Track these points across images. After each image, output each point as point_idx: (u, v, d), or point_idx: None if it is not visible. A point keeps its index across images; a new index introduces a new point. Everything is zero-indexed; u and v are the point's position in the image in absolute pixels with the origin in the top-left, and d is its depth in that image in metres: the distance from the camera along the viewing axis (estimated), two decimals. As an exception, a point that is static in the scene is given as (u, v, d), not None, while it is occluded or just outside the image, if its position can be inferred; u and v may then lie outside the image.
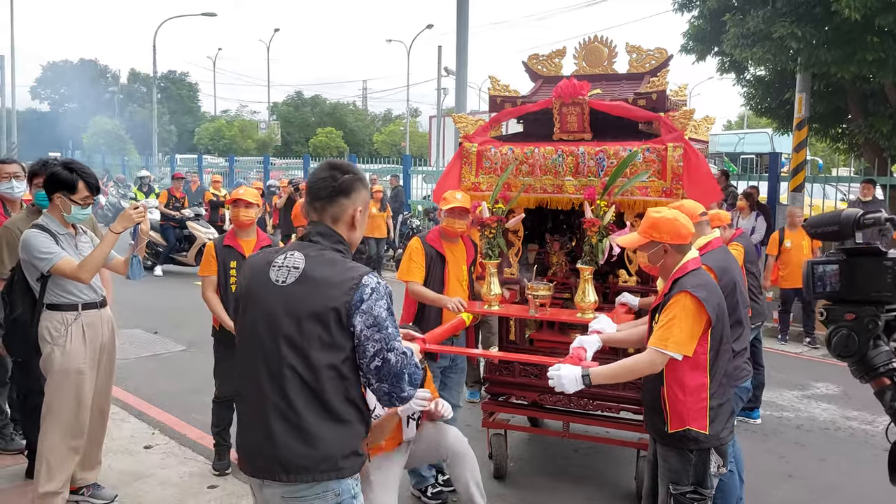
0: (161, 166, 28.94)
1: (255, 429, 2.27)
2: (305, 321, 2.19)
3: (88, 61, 53.53)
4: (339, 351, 2.20)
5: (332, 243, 2.31)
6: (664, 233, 3.09)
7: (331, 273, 2.22)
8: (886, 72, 9.80)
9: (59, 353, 3.70)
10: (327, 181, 2.33)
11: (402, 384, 2.24)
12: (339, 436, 2.24)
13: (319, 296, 2.20)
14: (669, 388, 3.05)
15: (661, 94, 4.31)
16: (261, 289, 2.29)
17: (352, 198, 2.34)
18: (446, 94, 33.99)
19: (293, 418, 2.20)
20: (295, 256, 2.28)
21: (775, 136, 20.26)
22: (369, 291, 2.19)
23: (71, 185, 3.69)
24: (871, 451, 5.47)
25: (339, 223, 2.35)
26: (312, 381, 2.19)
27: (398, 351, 2.23)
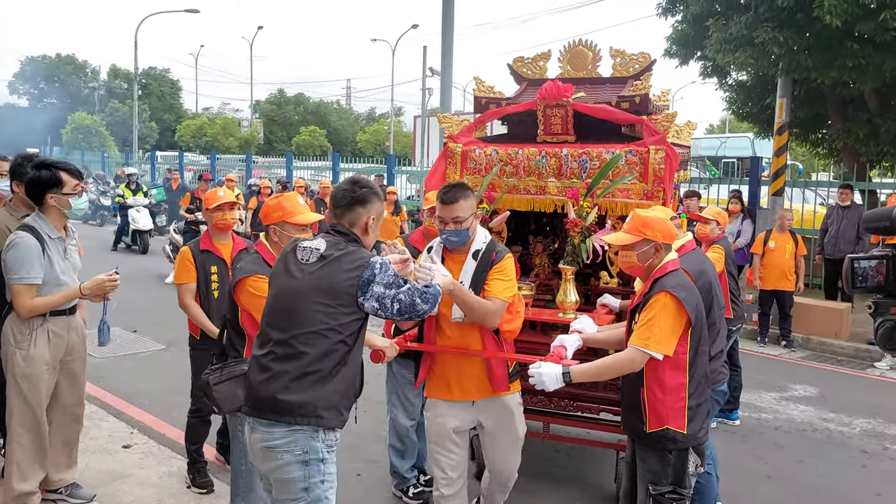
0: (141, 163, 28.65)
1: (260, 372, 2.70)
2: (320, 292, 2.66)
3: (67, 56, 52.91)
4: (343, 318, 2.67)
5: (348, 240, 2.80)
6: (657, 231, 3.11)
7: (346, 254, 2.72)
8: (866, 78, 9.94)
9: (20, 357, 3.65)
10: (347, 192, 2.84)
11: (416, 308, 2.73)
12: (325, 389, 2.65)
13: (334, 272, 2.69)
14: (649, 388, 3.07)
15: (645, 98, 4.34)
16: (288, 265, 2.78)
17: (367, 207, 2.83)
18: (431, 95, 34.01)
19: (288, 367, 2.64)
20: (318, 241, 2.79)
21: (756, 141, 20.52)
22: (379, 267, 2.69)
23: (56, 181, 3.63)
24: (847, 452, 5.54)
25: (355, 227, 2.84)
26: (315, 340, 2.64)
27: (406, 291, 2.71)
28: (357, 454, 5.03)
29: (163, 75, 53.91)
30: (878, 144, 11.09)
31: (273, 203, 3.37)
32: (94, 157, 30.61)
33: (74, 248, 3.86)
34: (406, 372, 4.33)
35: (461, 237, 3.29)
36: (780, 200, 11.49)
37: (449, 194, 3.27)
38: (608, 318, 4.01)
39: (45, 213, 3.69)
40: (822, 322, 8.96)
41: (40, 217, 3.68)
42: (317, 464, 2.68)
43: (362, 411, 5.75)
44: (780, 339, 8.82)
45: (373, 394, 4.67)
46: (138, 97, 36.47)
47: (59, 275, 3.68)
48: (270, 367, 2.68)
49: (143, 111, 44.03)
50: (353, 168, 19.56)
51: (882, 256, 1.92)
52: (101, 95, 48.00)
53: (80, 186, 3.73)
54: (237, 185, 14.68)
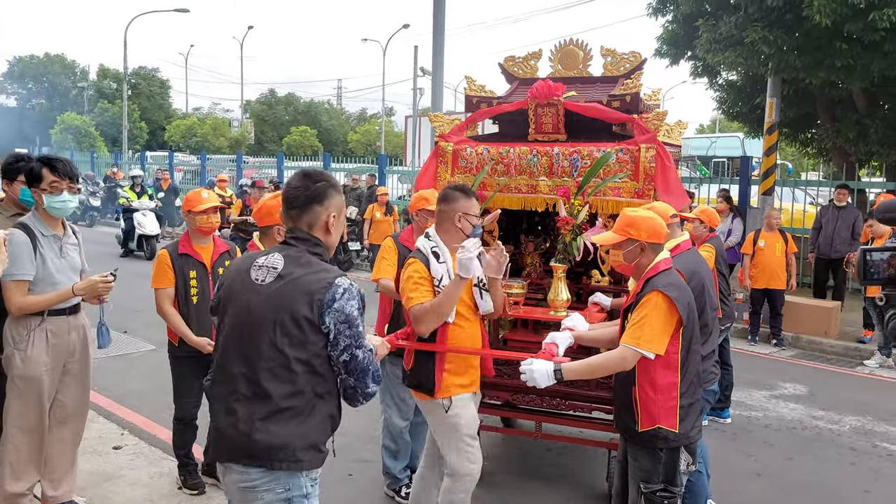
0: (131, 164, 28.50)
1: (226, 415, 2.39)
2: (280, 318, 2.33)
3: (56, 56, 52.59)
4: (310, 346, 2.34)
5: (310, 247, 2.45)
6: (642, 231, 3.12)
7: (308, 273, 2.37)
8: (854, 78, 10.00)
9: (19, 358, 3.60)
10: (300, 190, 2.47)
11: (366, 379, 2.43)
12: (301, 428, 2.36)
13: (294, 294, 2.34)
14: (641, 387, 3.08)
15: (635, 97, 4.35)
16: (241, 286, 2.44)
17: (325, 204, 2.47)
18: (422, 94, 33.99)
19: (259, 409, 2.34)
20: (275, 257, 2.44)
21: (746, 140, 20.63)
22: (341, 291, 2.34)
23: (35, 175, 3.57)
24: (836, 449, 5.58)
25: (315, 229, 2.48)
26: (284, 374, 2.33)
27: (365, 349, 2.42)
28: (349, 454, 5.02)
29: (152, 75, 53.64)
30: (867, 144, 11.17)
31: (273, 203, 3.34)
32: (83, 158, 30.43)
33: (74, 247, 3.79)
34: (400, 371, 4.31)
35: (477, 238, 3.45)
36: (770, 200, 11.56)
37: (472, 191, 3.52)
38: (600, 317, 4.02)
39: (38, 210, 3.64)
40: (812, 321, 9.01)
41: (34, 215, 3.64)
42: (300, 500, 2.42)
43: (354, 411, 5.76)
44: (771, 338, 8.86)
45: (364, 393, 4.65)
46: (128, 97, 36.29)
47: (53, 273, 3.61)
48: (237, 410, 2.36)
49: (133, 111, 43.78)
50: (345, 168, 19.51)
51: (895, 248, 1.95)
52: (90, 95, 47.71)
53: (61, 184, 3.60)
54: (228, 186, 14.60)
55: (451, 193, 3.47)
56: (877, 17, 8.67)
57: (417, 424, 4.54)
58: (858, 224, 9.18)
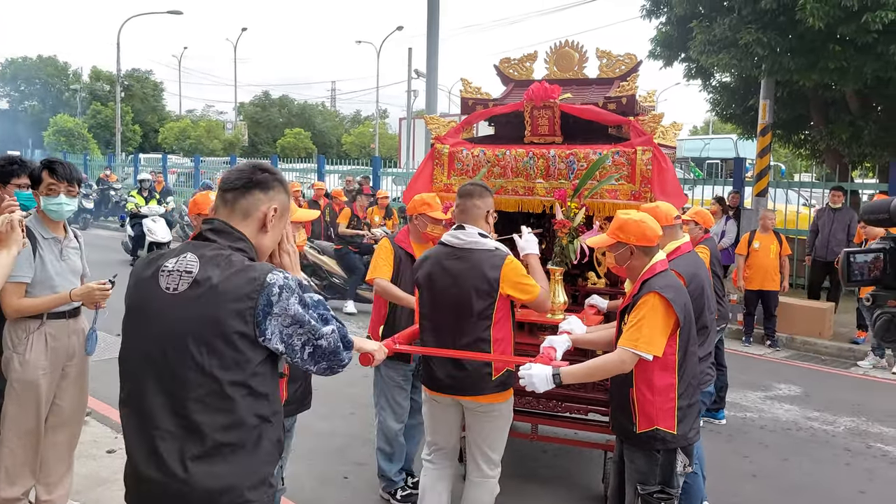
0: (124, 166, 28.45)
1: (148, 457, 1.93)
2: (205, 335, 1.89)
3: (49, 58, 52.42)
4: (246, 365, 1.92)
5: (231, 242, 2.01)
6: (630, 234, 3.12)
7: (230, 275, 1.92)
8: (847, 80, 10.05)
9: (17, 361, 3.57)
10: (245, 172, 2.09)
11: (339, 356, 2.04)
12: (247, 463, 1.94)
13: (219, 304, 1.90)
14: (638, 389, 3.08)
15: (631, 99, 4.36)
16: (149, 300, 1.98)
17: (269, 195, 2.09)
18: (416, 97, 34.02)
19: (192, 448, 1.90)
20: (187, 259, 1.98)
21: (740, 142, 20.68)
22: (277, 291, 1.92)
23: (35, 178, 3.56)
24: (831, 450, 5.59)
25: (249, 220, 2.06)
26: (218, 403, 1.90)
27: (326, 335, 2.00)
28: (344, 457, 5.01)
29: (146, 77, 53.53)
30: (860, 146, 11.22)
31: None
32: (76, 160, 30.28)
33: (75, 251, 3.76)
34: (395, 374, 4.31)
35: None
36: (764, 201, 11.59)
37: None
38: (596, 319, 4.02)
39: (38, 212, 3.62)
40: (806, 322, 9.04)
41: (35, 217, 3.61)
42: None
43: (349, 413, 5.76)
44: (765, 339, 8.88)
45: (360, 396, 4.66)
46: (121, 99, 36.19)
47: (52, 275, 3.58)
48: (162, 450, 1.90)
49: (126, 113, 43.65)
50: (339, 170, 19.52)
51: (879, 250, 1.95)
52: (83, 98, 47.57)
53: (56, 186, 3.57)
54: None
55: (483, 191, 3.50)
56: (869, 18, 8.71)
57: (412, 427, 4.53)
58: (853, 225, 9.22)
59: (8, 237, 2.98)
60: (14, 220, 2.99)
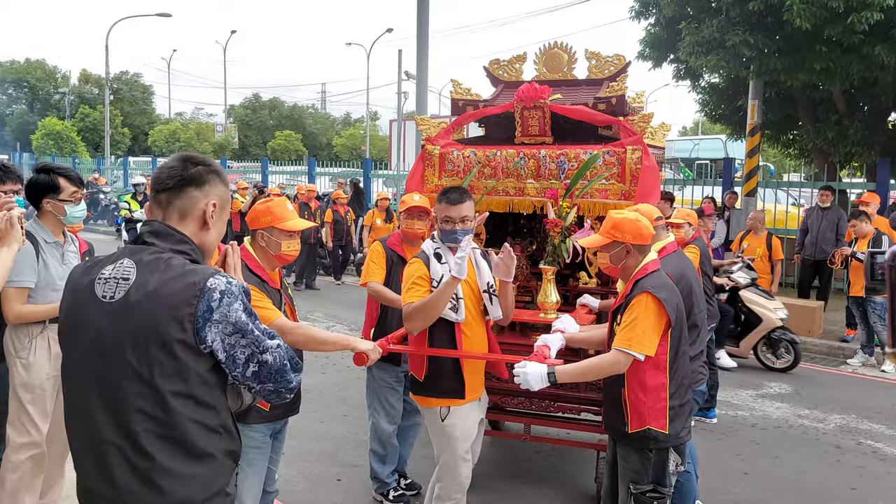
0: (113, 169, 28.31)
1: (98, 473, 1.85)
2: (143, 344, 1.81)
3: (37, 61, 52.14)
4: (188, 374, 1.82)
5: (173, 244, 1.93)
6: (627, 233, 3.13)
7: (168, 280, 1.83)
8: (834, 80, 10.13)
9: (21, 366, 3.50)
10: (176, 170, 1.97)
11: (286, 376, 1.96)
12: (199, 475, 1.87)
13: (156, 311, 1.81)
14: (630, 389, 3.09)
15: (621, 99, 4.38)
16: (85, 309, 1.89)
17: (204, 190, 1.98)
18: (406, 98, 34.01)
19: (140, 462, 1.81)
20: (124, 265, 1.89)
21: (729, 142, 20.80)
22: (218, 296, 1.83)
23: (53, 186, 3.52)
24: (822, 447, 5.62)
25: (188, 220, 1.97)
26: (161, 415, 1.81)
27: (272, 348, 1.92)
28: (337, 459, 5.01)
29: (135, 80, 53.32)
30: (846, 145, 11.30)
31: (262, 207, 3.32)
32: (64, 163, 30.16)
33: (74, 255, 3.73)
34: (387, 376, 4.31)
35: (469, 235, 3.38)
36: (753, 201, 11.67)
37: (456, 195, 3.39)
38: (588, 318, 4.03)
39: (42, 218, 3.59)
40: (796, 320, 9.07)
41: (36, 222, 3.59)
42: None
43: (342, 415, 5.75)
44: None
45: (353, 398, 4.65)
46: (110, 102, 36.02)
47: (55, 279, 3.55)
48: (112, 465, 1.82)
49: (116, 116, 43.49)
50: (330, 172, 19.50)
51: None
52: (71, 101, 47.33)
53: (79, 194, 3.61)
54: None
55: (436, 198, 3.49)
56: (855, 19, 8.79)
57: (406, 428, 4.54)
58: (842, 224, 9.28)
59: (7, 234, 2.96)
60: (13, 217, 2.98)
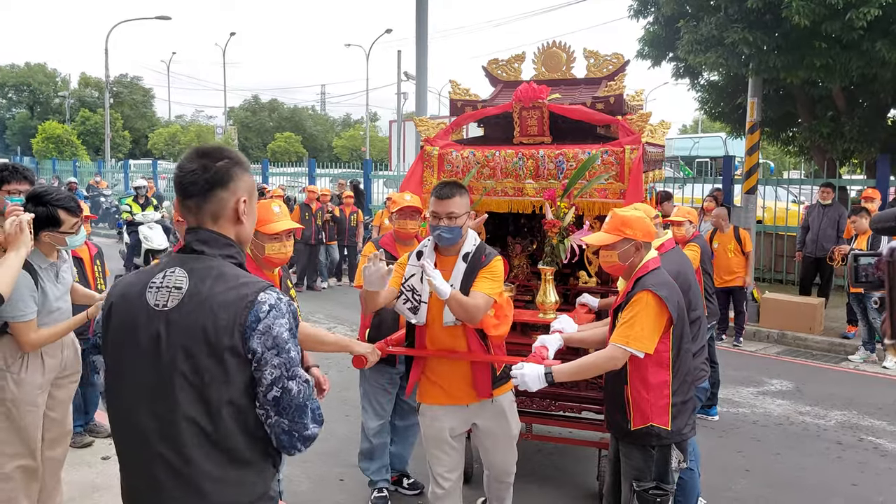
0: (114, 172, 28.33)
1: (146, 483, 1.90)
2: (194, 351, 1.83)
3: (37, 65, 52.20)
4: (236, 382, 1.85)
5: (220, 249, 1.94)
6: (637, 230, 3.13)
7: (221, 291, 1.86)
8: (833, 77, 10.12)
9: (11, 381, 3.44)
10: (197, 173, 1.92)
11: (304, 419, 1.90)
12: (244, 480, 1.90)
13: (209, 319, 1.83)
14: (633, 386, 3.10)
15: (619, 98, 4.39)
16: (137, 317, 1.90)
17: (231, 187, 1.95)
18: (406, 99, 34.04)
19: (185, 468, 1.84)
20: (176, 274, 1.90)
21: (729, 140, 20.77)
22: (266, 309, 1.85)
23: (53, 220, 3.44)
24: (823, 444, 5.63)
25: (221, 220, 1.96)
26: (209, 423, 1.84)
27: (300, 379, 1.89)
28: (340, 459, 5.02)
29: (134, 83, 53.36)
30: (843, 142, 11.29)
31: None
32: (65, 167, 30.21)
33: (68, 269, 3.71)
34: (379, 377, 4.32)
35: (454, 234, 3.26)
36: (754, 199, 11.65)
37: (444, 189, 3.26)
38: (588, 318, 4.04)
39: (37, 245, 3.48)
40: (797, 317, 9.10)
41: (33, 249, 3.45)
42: None
43: (344, 416, 5.76)
44: (735, 333, 8.81)
45: (355, 398, 4.67)
46: (110, 106, 36.05)
47: (52, 302, 3.53)
48: (159, 475, 1.86)
49: (116, 120, 43.53)
50: (330, 173, 19.50)
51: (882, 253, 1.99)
52: (72, 104, 47.37)
53: (78, 224, 3.54)
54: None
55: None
56: (854, 16, 8.78)
57: (406, 428, 4.55)
58: (843, 221, 9.27)
59: (17, 239, 2.95)
60: (23, 222, 2.97)
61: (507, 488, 3.75)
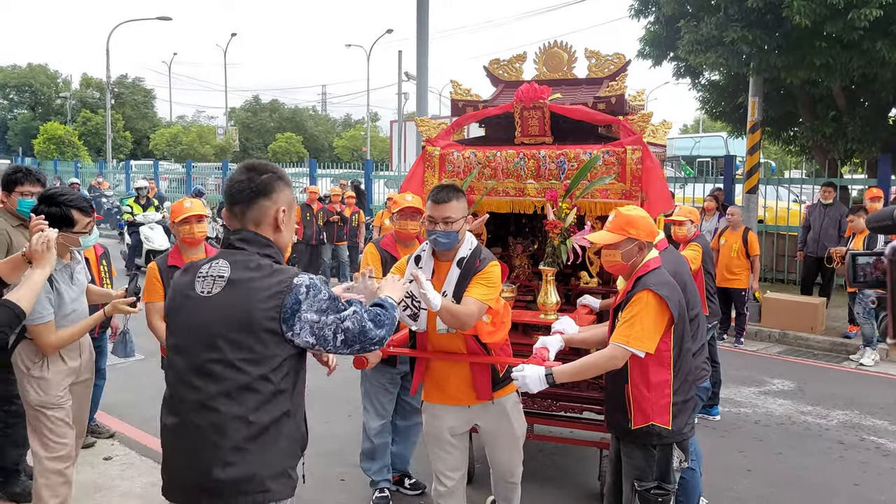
0: (115, 173, 28.34)
1: (180, 448, 2.17)
2: (235, 333, 2.09)
3: (39, 66, 52.24)
4: (271, 360, 2.11)
5: (259, 248, 2.22)
6: (641, 229, 3.13)
7: (259, 278, 2.13)
8: (834, 76, 10.12)
9: (36, 385, 3.44)
10: (244, 183, 2.23)
11: (368, 335, 2.20)
12: (268, 454, 2.12)
13: (248, 303, 2.10)
14: (634, 385, 3.10)
15: (620, 98, 4.38)
16: (186, 303, 2.19)
17: (273, 198, 2.25)
18: (407, 99, 34.04)
19: (219, 439, 2.09)
20: (220, 264, 2.19)
21: (730, 140, 20.77)
22: (304, 290, 2.12)
23: (68, 220, 3.42)
24: (825, 443, 5.63)
25: (263, 226, 2.25)
26: (243, 395, 2.09)
27: (349, 316, 2.17)
28: (342, 459, 5.03)
29: (136, 84, 53.38)
30: (845, 142, 11.29)
31: None
32: (67, 168, 30.22)
33: (82, 269, 3.72)
34: (381, 377, 4.32)
35: (450, 239, 3.21)
36: (755, 198, 11.66)
37: (441, 194, 3.21)
38: (589, 318, 4.04)
39: None
40: (798, 317, 9.09)
41: None
42: None
43: (346, 416, 5.76)
44: (735, 333, 8.80)
45: (357, 398, 4.67)
46: (111, 106, 36.07)
47: (67, 304, 3.53)
48: (192, 442, 2.12)
49: (118, 120, 43.55)
50: (331, 174, 19.49)
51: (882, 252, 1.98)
52: (73, 105, 47.41)
53: (91, 224, 3.53)
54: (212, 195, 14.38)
55: None
56: (855, 16, 8.78)
57: (408, 428, 4.55)
58: (844, 221, 9.26)
59: (43, 257, 2.94)
60: (51, 240, 2.96)
61: (513, 488, 3.75)
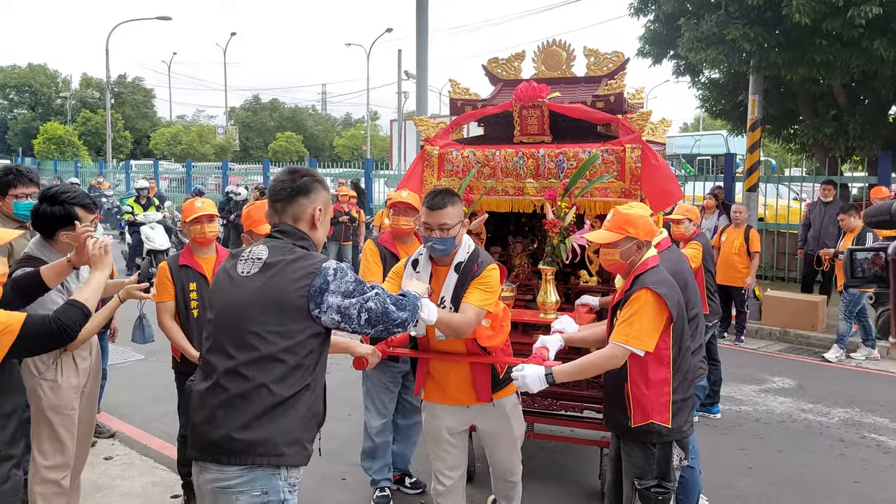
0: (116, 173, 28.35)
1: (205, 411, 2.35)
2: (266, 308, 2.32)
3: (39, 66, 52.24)
4: (298, 335, 2.33)
5: (296, 240, 2.45)
6: (640, 228, 3.13)
7: (292, 261, 2.37)
8: (834, 74, 10.11)
9: (48, 388, 3.39)
10: (286, 182, 2.49)
11: (390, 316, 2.41)
12: (285, 422, 2.32)
13: (281, 282, 2.33)
14: (633, 383, 3.10)
15: (619, 97, 4.38)
16: (227, 281, 2.43)
17: (311, 197, 2.49)
18: (407, 98, 34.03)
19: (243, 404, 2.30)
20: (259, 248, 2.44)
21: (730, 138, 20.75)
22: (332, 272, 2.34)
23: (69, 217, 3.36)
24: (825, 441, 5.63)
25: (301, 222, 2.49)
26: (267, 365, 2.30)
27: (372, 297, 2.39)
28: (343, 458, 5.03)
29: (136, 84, 53.38)
30: (846, 140, 11.28)
31: (244, 212, 3.37)
32: (67, 168, 30.22)
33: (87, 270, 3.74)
34: (382, 375, 4.32)
35: (447, 245, 3.16)
36: (755, 196, 11.66)
37: (436, 200, 3.14)
38: (589, 318, 4.04)
39: (53, 245, 3.42)
40: (799, 315, 9.09)
41: (46, 248, 3.40)
42: None
43: (347, 415, 5.77)
44: (736, 332, 8.81)
45: (358, 398, 4.67)
46: (111, 106, 36.07)
47: None
48: (217, 405, 2.33)
49: (117, 120, 43.55)
50: (331, 173, 19.49)
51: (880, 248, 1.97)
52: (73, 105, 47.41)
53: (95, 221, 3.47)
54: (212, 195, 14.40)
55: None
56: (855, 13, 8.77)
57: (408, 427, 4.55)
58: (845, 219, 9.27)
59: (101, 260, 2.97)
60: (107, 244, 3.01)
61: (513, 487, 3.75)
